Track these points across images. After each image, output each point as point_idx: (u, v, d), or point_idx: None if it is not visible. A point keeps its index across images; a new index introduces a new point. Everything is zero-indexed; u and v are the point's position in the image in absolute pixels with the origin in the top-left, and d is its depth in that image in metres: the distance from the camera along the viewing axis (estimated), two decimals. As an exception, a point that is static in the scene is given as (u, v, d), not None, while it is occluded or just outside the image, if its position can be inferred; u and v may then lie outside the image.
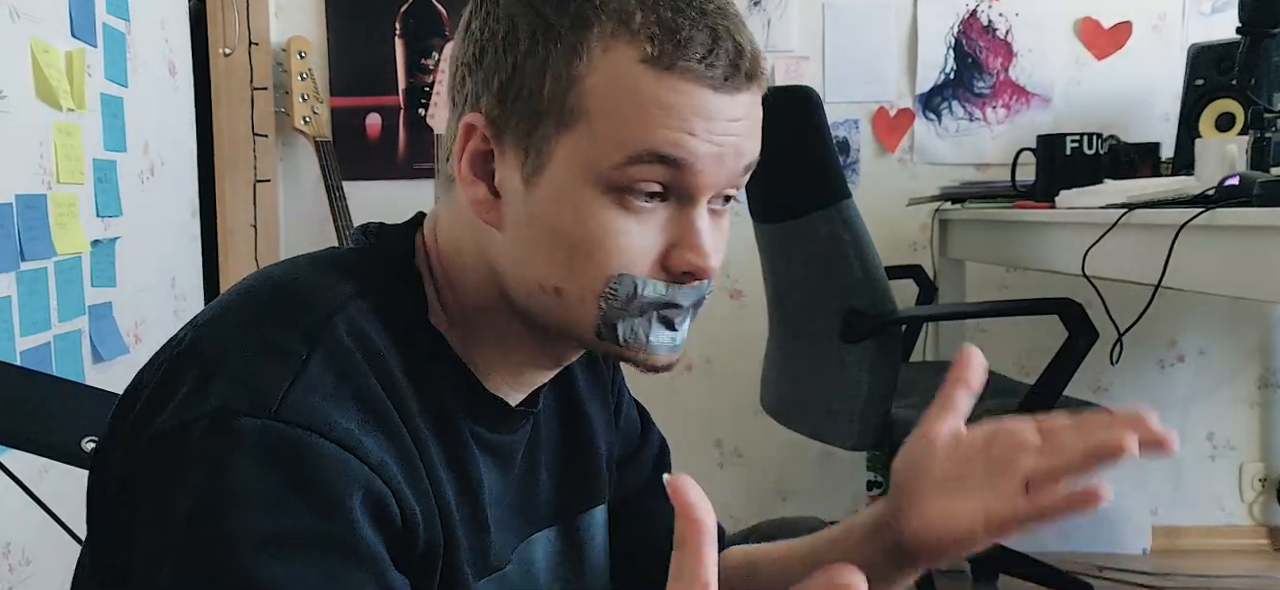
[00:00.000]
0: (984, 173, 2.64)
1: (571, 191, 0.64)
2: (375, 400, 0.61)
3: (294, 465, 0.56)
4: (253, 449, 0.56)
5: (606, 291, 0.65)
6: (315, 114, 2.54)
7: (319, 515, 0.56)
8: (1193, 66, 2.17)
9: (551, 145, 0.64)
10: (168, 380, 0.61)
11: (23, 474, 1.18)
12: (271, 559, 0.54)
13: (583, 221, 0.64)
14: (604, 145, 0.63)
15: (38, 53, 1.57)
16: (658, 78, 0.62)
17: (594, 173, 0.63)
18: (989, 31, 2.66)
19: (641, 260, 0.65)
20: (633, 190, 0.63)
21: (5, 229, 1.47)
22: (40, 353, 1.56)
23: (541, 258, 0.65)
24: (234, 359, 0.60)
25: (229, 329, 0.63)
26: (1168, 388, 2.69)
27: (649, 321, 0.67)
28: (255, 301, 0.65)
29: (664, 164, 0.63)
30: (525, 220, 0.65)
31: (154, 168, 2.08)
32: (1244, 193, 1.31)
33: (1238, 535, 2.72)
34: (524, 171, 0.65)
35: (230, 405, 0.57)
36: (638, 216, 0.64)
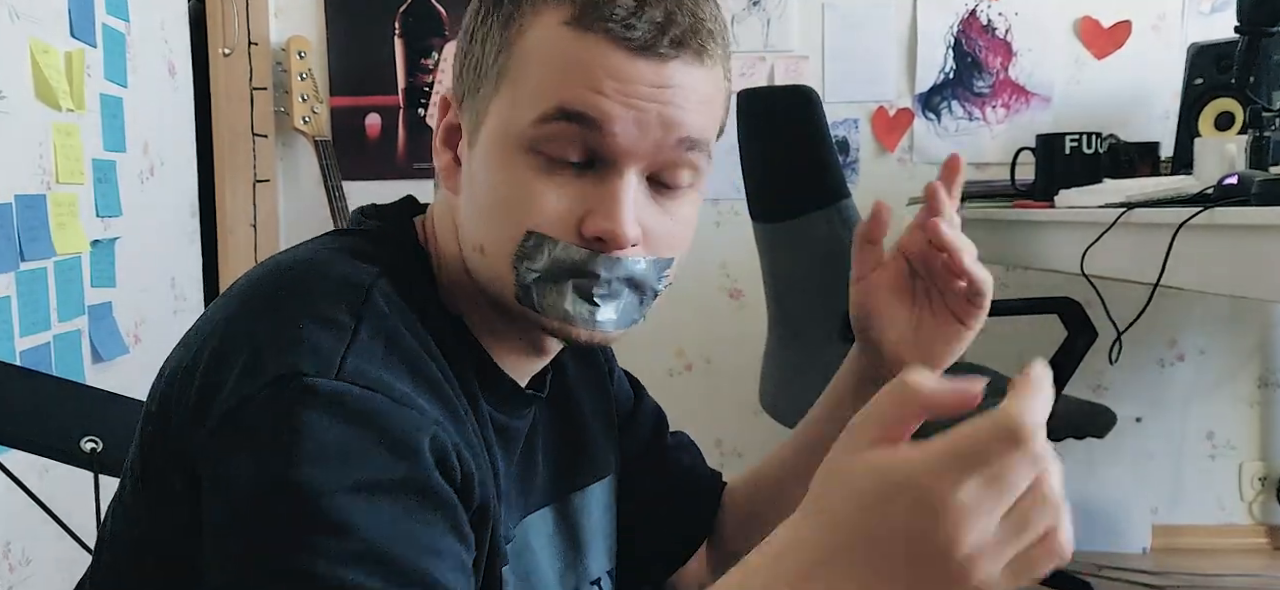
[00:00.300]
0: (983, 172, 2.64)
1: (496, 150, 0.66)
2: (423, 366, 0.62)
3: (365, 418, 0.57)
4: (323, 407, 0.56)
5: (518, 250, 0.65)
6: (315, 114, 2.54)
7: (396, 459, 0.57)
8: (1192, 65, 2.16)
9: (487, 108, 0.66)
10: (215, 367, 0.60)
11: (23, 474, 1.18)
12: (359, 503, 0.55)
13: (502, 180, 0.65)
14: (521, 105, 0.64)
15: (37, 53, 1.57)
16: (576, 37, 0.63)
17: (514, 132, 0.65)
18: (988, 31, 2.66)
19: (557, 224, 0.65)
20: (548, 151, 0.64)
21: (5, 229, 1.47)
22: (40, 353, 1.56)
23: (475, 216, 0.68)
24: (287, 331, 0.59)
25: (267, 308, 0.62)
26: (1168, 387, 2.69)
27: (566, 290, 0.66)
28: (287, 281, 0.65)
29: (573, 122, 0.63)
30: (468, 182, 0.69)
31: (153, 168, 2.08)
32: (1242, 192, 1.31)
33: (1237, 534, 2.71)
34: (470, 137, 0.68)
35: (294, 369, 0.57)
36: (556, 180, 0.65)
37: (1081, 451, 2.61)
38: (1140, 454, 2.70)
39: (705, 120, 0.67)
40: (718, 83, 0.68)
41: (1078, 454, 2.63)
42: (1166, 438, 2.70)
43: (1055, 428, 2.02)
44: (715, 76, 0.68)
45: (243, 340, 0.60)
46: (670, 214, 0.68)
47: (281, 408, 0.56)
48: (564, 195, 0.65)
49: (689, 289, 2.63)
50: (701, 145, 0.67)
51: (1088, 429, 1.90)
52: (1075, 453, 2.62)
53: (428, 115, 2.54)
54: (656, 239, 0.67)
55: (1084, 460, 2.67)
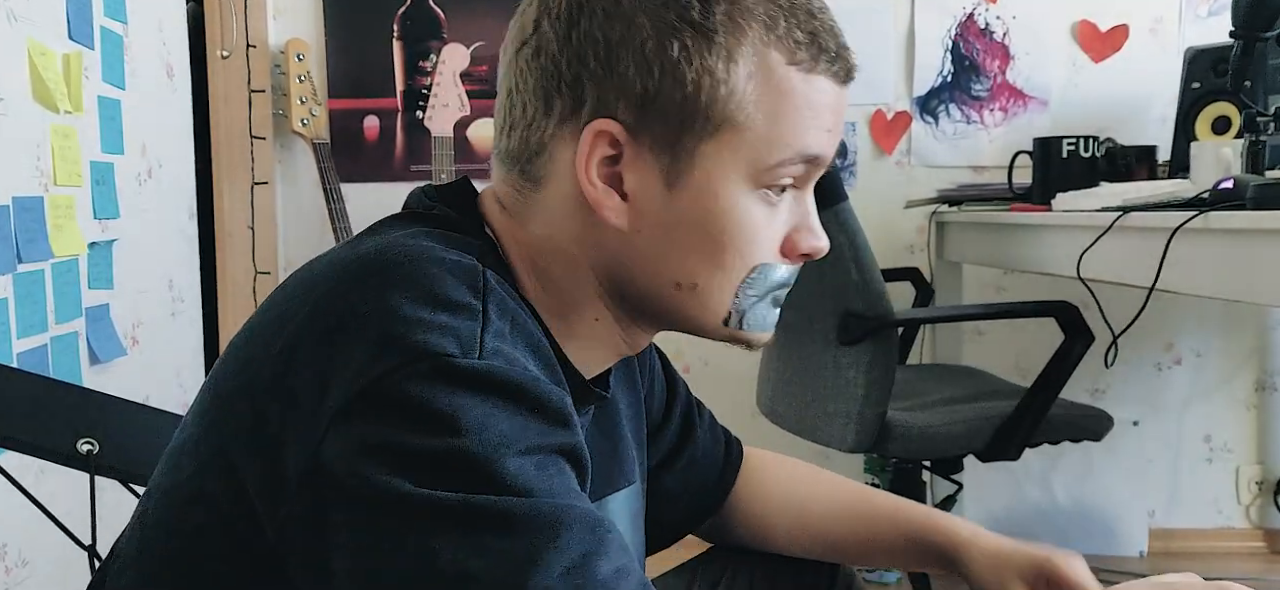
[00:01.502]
0: (981, 175, 2.64)
1: (721, 192, 0.66)
2: (542, 349, 0.62)
3: (518, 393, 0.56)
4: (476, 386, 0.55)
5: (747, 281, 0.68)
6: (313, 116, 2.54)
7: (553, 427, 0.57)
8: (1189, 69, 2.17)
9: (696, 149, 0.65)
10: (328, 349, 0.56)
11: (20, 475, 1.18)
12: (529, 467, 0.54)
13: (731, 219, 0.66)
14: (759, 146, 0.65)
15: (35, 55, 1.57)
16: (805, 79, 0.66)
17: (747, 173, 0.66)
18: (986, 34, 2.66)
19: (771, 248, 0.69)
20: (775, 186, 0.67)
21: (2, 231, 1.47)
22: (37, 355, 1.56)
23: (682, 256, 0.67)
24: (417, 312, 0.56)
25: (382, 289, 0.58)
26: (1165, 390, 2.69)
27: (769, 304, 0.71)
28: (393, 262, 0.60)
29: (808, 163, 0.67)
30: (664, 222, 0.66)
31: (151, 170, 2.08)
32: (1238, 196, 1.31)
33: (1235, 538, 2.72)
34: (666, 176, 0.66)
35: (438, 350, 0.55)
36: (773, 209, 0.68)
37: (1078, 455, 2.61)
38: (1137, 457, 2.70)
39: None
40: None
41: (1075, 457, 2.64)
42: (1163, 441, 2.71)
43: (1052, 431, 2.03)
44: None
45: (360, 321, 0.57)
46: None
47: (434, 387, 0.54)
48: (776, 221, 0.69)
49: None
50: None
51: (1085, 432, 1.90)
52: (1072, 456, 2.62)
53: (426, 118, 2.53)
54: None
55: (1081, 463, 2.68)
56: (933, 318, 2.49)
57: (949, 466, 2.21)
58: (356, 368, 0.55)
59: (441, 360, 0.55)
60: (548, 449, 0.56)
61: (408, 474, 0.53)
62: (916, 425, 1.85)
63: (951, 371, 2.31)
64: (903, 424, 1.84)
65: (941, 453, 1.92)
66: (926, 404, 2.00)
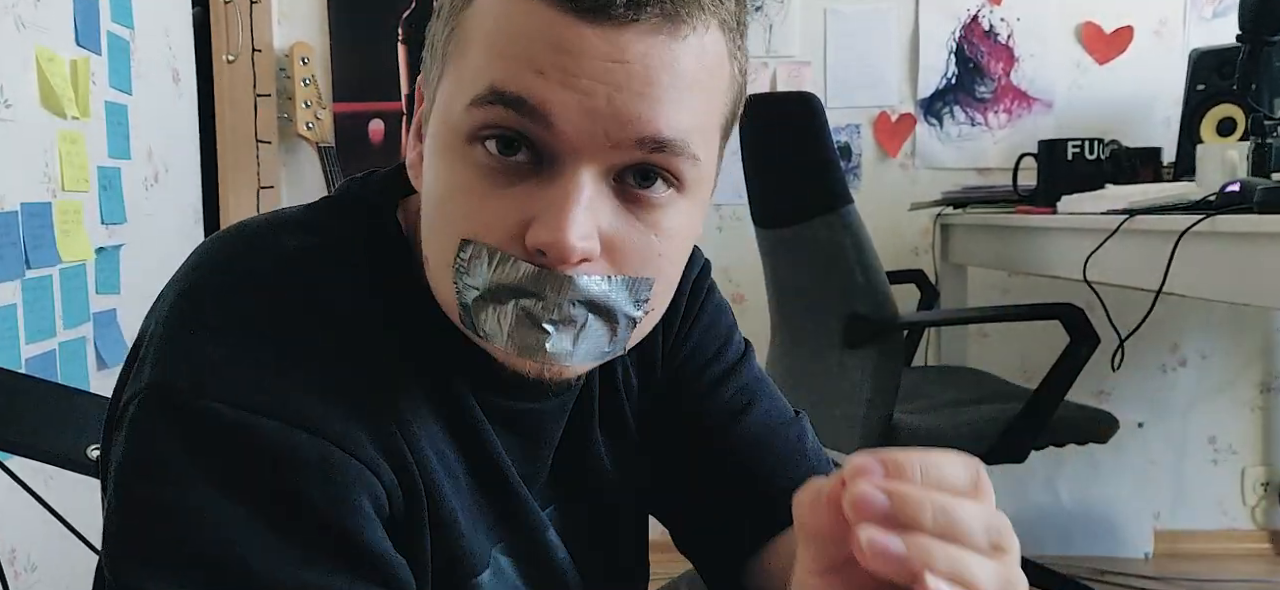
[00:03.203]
0: (986, 177, 2.64)
1: (438, 143, 0.57)
2: (337, 365, 0.56)
3: (234, 452, 0.52)
4: (190, 433, 0.53)
5: (457, 261, 0.55)
6: (318, 120, 2.55)
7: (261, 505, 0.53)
8: (1194, 71, 2.17)
9: (434, 95, 0.59)
10: (138, 346, 0.59)
11: (29, 478, 1.18)
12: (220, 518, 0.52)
13: (444, 178, 0.56)
14: (460, 88, 0.55)
15: (43, 61, 1.57)
16: (512, 3, 0.53)
17: (452, 122, 0.55)
18: (990, 36, 2.66)
19: (499, 231, 0.54)
20: (482, 142, 0.54)
21: (10, 237, 1.47)
22: (45, 360, 1.56)
23: (423, 221, 0.60)
24: (180, 330, 0.56)
25: (175, 296, 0.58)
26: (1170, 391, 2.69)
27: (508, 313, 0.55)
28: (202, 262, 0.60)
29: (510, 107, 0.52)
30: (424, 182, 0.60)
31: (158, 174, 2.08)
32: (1244, 199, 1.31)
33: (1240, 539, 2.71)
34: (427, 129, 0.60)
35: (171, 380, 0.54)
36: (494, 179, 0.54)
37: (1084, 457, 2.61)
38: (1142, 459, 2.70)
39: (685, 111, 0.53)
40: (711, 59, 0.55)
41: (1080, 459, 2.64)
42: (1168, 443, 2.70)
43: (1057, 434, 2.03)
44: (705, 50, 0.54)
45: (151, 328, 0.58)
46: (648, 225, 0.56)
47: (153, 423, 0.54)
48: (508, 199, 0.54)
49: (691, 294, 2.63)
50: (676, 146, 0.54)
51: (1090, 435, 1.91)
52: (1078, 458, 2.62)
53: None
54: (626, 255, 0.56)
55: (1086, 465, 2.68)
56: (938, 321, 2.50)
57: (954, 469, 2.21)
58: (133, 381, 0.57)
59: (171, 393, 0.54)
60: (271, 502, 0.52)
61: (122, 524, 0.54)
62: (922, 428, 1.85)
63: (957, 374, 2.31)
64: (908, 426, 1.85)
65: (947, 455, 1.93)
66: (932, 406, 2.01)
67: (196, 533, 0.52)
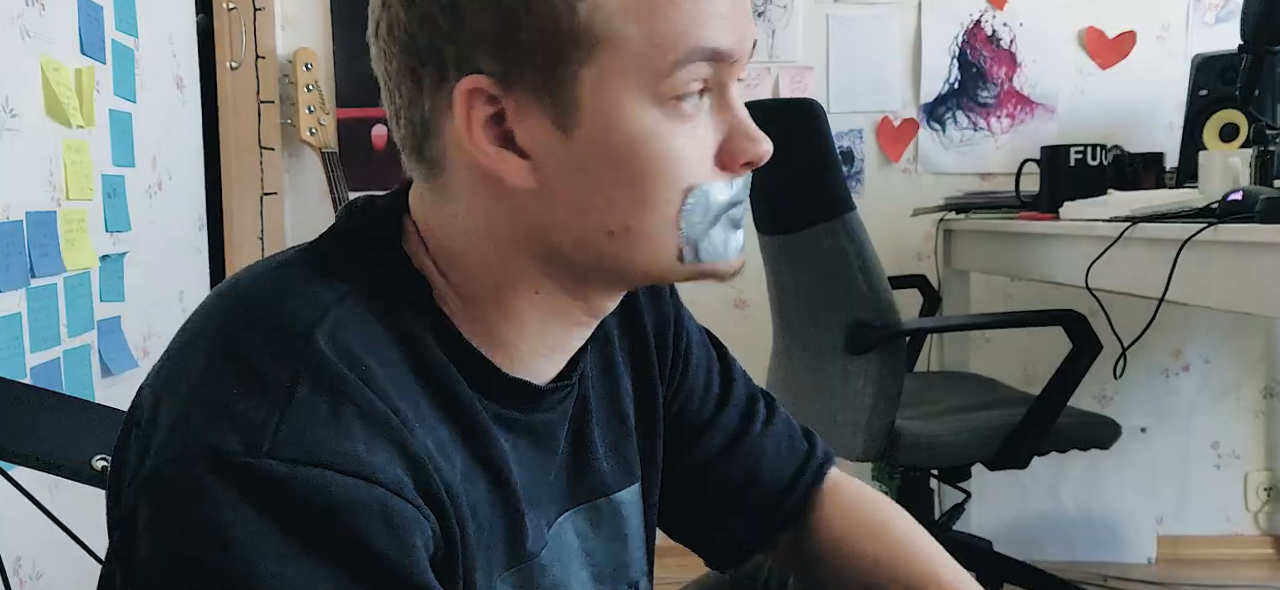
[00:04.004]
0: (988, 182, 2.65)
1: (618, 119, 0.59)
2: (376, 412, 0.56)
3: (297, 509, 0.51)
4: (252, 494, 0.51)
5: (685, 209, 0.60)
6: (321, 125, 2.55)
7: (333, 560, 0.52)
8: (1196, 77, 2.17)
9: (577, 80, 0.58)
10: (152, 415, 0.56)
11: (34, 486, 1.19)
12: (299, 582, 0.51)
13: (641, 146, 0.59)
14: (644, 56, 0.58)
15: (48, 71, 1.58)
16: None
17: (642, 89, 0.58)
18: (993, 41, 2.66)
19: (703, 166, 0.61)
20: (682, 96, 0.59)
21: (15, 246, 1.48)
22: (50, 368, 1.57)
23: (603, 201, 0.60)
24: (217, 392, 0.54)
25: (203, 356, 0.57)
26: (1172, 396, 2.69)
27: (723, 228, 0.63)
28: (221, 323, 0.59)
29: (709, 61, 0.59)
30: (571, 170, 0.60)
31: (162, 182, 2.09)
32: (1247, 208, 1.31)
33: (1243, 545, 2.71)
34: (555, 119, 0.59)
35: (220, 445, 0.52)
36: (689, 121, 0.60)
37: (1086, 462, 2.61)
38: (1145, 464, 2.70)
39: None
40: None
41: (1083, 464, 2.64)
42: (1171, 448, 2.70)
43: (1060, 440, 2.03)
44: None
45: (173, 392, 0.56)
46: None
47: (205, 487, 0.51)
48: (698, 135, 0.61)
49: (694, 298, 2.62)
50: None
51: (1093, 441, 1.91)
52: (1080, 464, 2.62)
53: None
54: None
55: (1089, 470, 2.68)
56: (940, 327, 2.50)
57: (957, 475, 2.21)
58: (157, 444, 0.54)
59: (221, 457, 0.52)
60: (338, 570, 0.52)
61: (173, 581, 0.51)
62: (925, 434, 1.85)
63: (959, 379, 2.32)
64: (911, 432, 1.85)
65: (949, 461, 1.93)
66: (935, 412, 2.01)
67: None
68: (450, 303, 0.65)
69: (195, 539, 0.51)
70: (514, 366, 0.66)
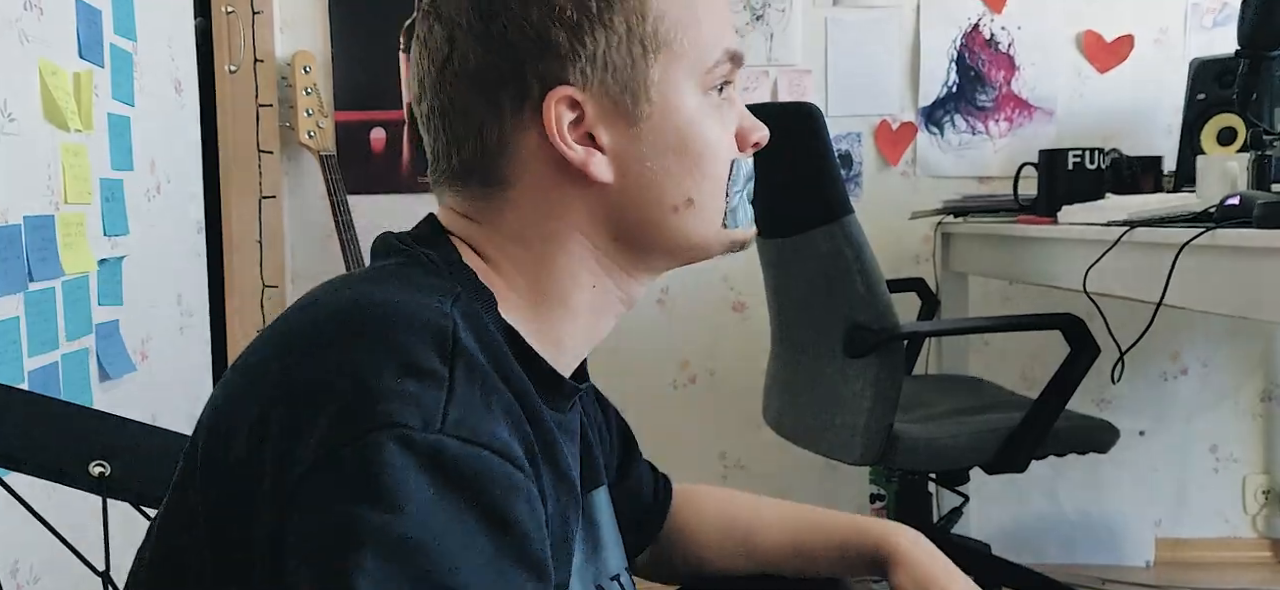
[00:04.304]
0: (986, 186, 2.65)
1: (681, 106, 0.72)
2: (510, 406, 0.62)
3: (468, 482, 0.56)
4: (428, 463, 0.55)
5: (732, 178, 0.74)
6: (320, 128, 2.55)
7: (497, 531, 0.57)
8: (1194, 80, 2.17)
9: (646, 80, 0.70)
10: (294, 421, 0.58)
11: (31, 489, 1.19)
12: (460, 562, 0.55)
13: (698, 126, 0.72)
14: (693, 55, 0.72)
15: (46, 74, 1.58)
16: None
17: (694, 82, 0.72)
18: (991, 45, 2.67)
19: (732, 145, 0.75)
20: (717, 86, 0.74)
21: (14, 250, 1.48)
22: (48, 372, 1.57)
23: (673, 180, 0.72)
24: (381, 379, 0.57)
25: (348, 353, 0.59)
26: (1171, 400, 2.69)
27: (745, 198, 0.77)
28: (366, 325, 0.61)
29: (732, 61, 0.74)
30: (645, 156, 0.71)
31: (160, 185, 2.09)
32: (1244, 213, 1.32)
33: (1241, 548, 2.72)
34: (629, 116, 0.70)
35: (393, 420, 0.55)
36: (722, 109, 0.75)
37: (1084, 465, 2.61)
38: (1144, 467, 2.70)
39: None
40: None
41: (1081, 467, 2.64)
42: (1170, 451, 2.71)
43: (1058, 443, 2.03)
44: None
45: (326, 389, 0.58)
46: None
47: (385, 458, 0.54)
48: (728, 121, 0.75)
49: (693, 302, 2.64)
50: None
51: (1091, 444, 1.91)
52: (1078, 467, 2.62)
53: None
54: None
55: (1087, 473, 2.68)
56: (939, 330, 2.50)
57: (955, 478, 2.21)
58: (319, 437, 0.56)
59: (396, 431, 0.55)
60: (490, 549, 0.56)
61: (358, 552, 0.53)
62: (923, 437, 1.86)
63: (958, 382, 2.32)
64: (909, 436, 1.85)
65: (948, 464, 1.93)
66: (933, 415, 2.01)
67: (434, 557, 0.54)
68: (514, 311, 0.71)
69: (375, 504, 0.54)
70: (562, 367, 0.74)
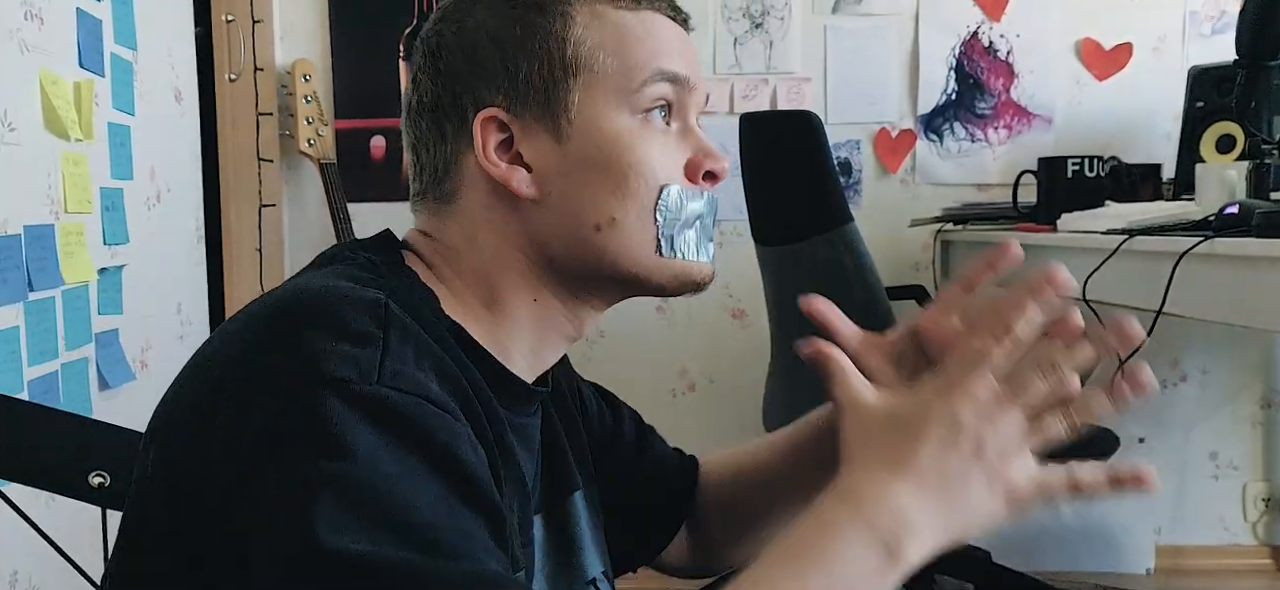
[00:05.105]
0: (986, 193, 2.65)
1: (602, 124, 0.72)
2: (449, 371, 0.64)
3: (409, 425, 0.58)
4: (368, 413, 0.57)
5: (659, 204, 0.72)
6: (319, 136, 2.55)
7: (439, 464, 0.58)
8: (1193, 88, 2.18)
9: (568, 99, 0.72)
10: (245, 395, 0.60)
11: (30, 502, 1.19)
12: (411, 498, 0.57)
13: (623, 148, 0.72)
14: (618, 76, 0.72)
15: (47, 84, 1.58)
16: (635, 16, 0.74)
17: (619, 102, 0.72)
18: (990, 53, 2.67)
19: (675, 173, 0.73)
20: (650, 110, 0.73)
21: (14, 260, 1.48)
22: (48, 382, 1.57)
23: (591, 198, 0.72)
24: (321, 344, 0.60)
25: (292, 331, 0.62)
26: (1171, 408, 2.69)
27: (695, 232, 0.74)
28: (305, 306, 0.64)
29: (669, 83, 0.73)
30: (566, 172, 0.72)
31: (160, 194, 2.09)
32: (1243, 222, 1.32)
33: (1241, 555, 2.71)
34: (554, 134, 0.72)
35: (334, 375, 0.58)
36: (660, 136, 0.73)
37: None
38: (1144, 474, 2.70)
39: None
40: None
41: (1081, 474, 2.63)
42: (1170, 458, 2.70)
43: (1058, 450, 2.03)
44: None
45: (271, 364, 0.60)
46: None
47: (328, 411, 0.57)
48: (668, 149, 0.74)
49: (692, 309, 2.64)
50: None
51: (1090, 452, 1.90)
52: (1079, 473, 2.62)
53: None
54: None
55: (1087, 481, 2.67)
56: (938, 336, 2.49)
57: (955, 486, 2.20)
58: (265, 405, 0.59)
59: (337, 385, 0.58)
60: (436, 488, 0.58)
61: (314, 502, 0.55)
62: (923, 447, 1.85)
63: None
64: (909, 445, 1.85)
65: (948, 473, 1.93)
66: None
67: (386, 497, 0.56)
68: (458, 312, 0.72)
69: (325, 454, 0.56)
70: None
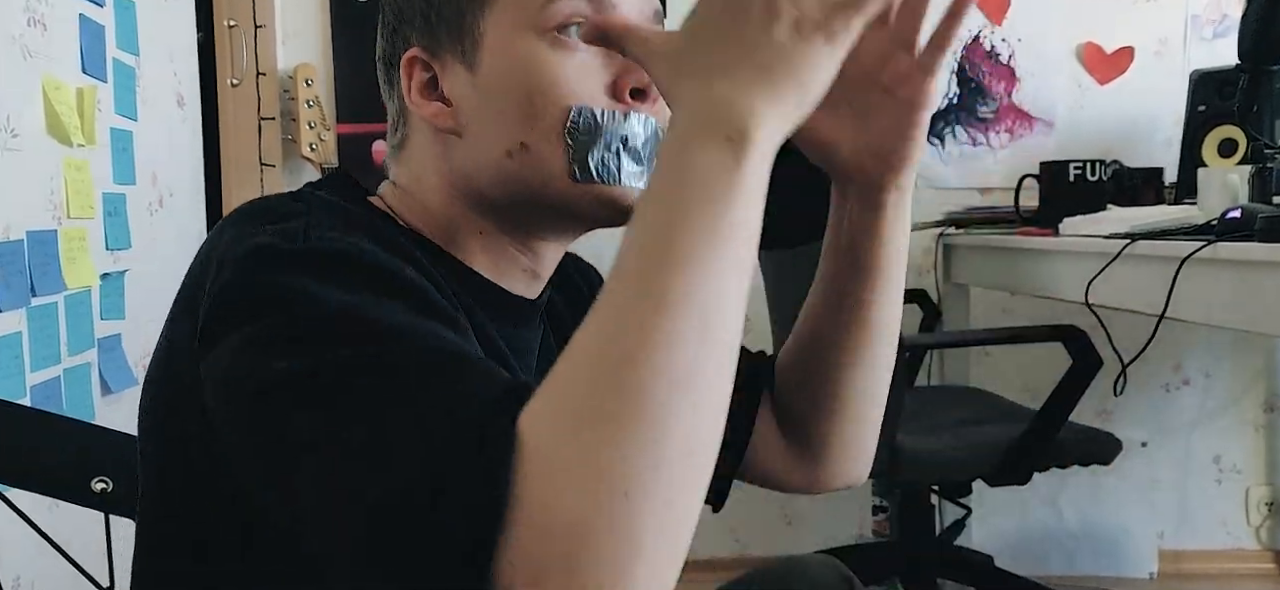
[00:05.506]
0: (988, 197, 2.65)
1: (510, 49, 0.70)
2: (396, 247, 0.63)
3: (345, 263, 0.59)
4: (303, 265, 0.58)
5: (569, 126, 0.69)
6: (322, 141, 2.56)
7: (394, 293, 0.58)
8: (1195, 92, 2.18)
9: (480, 26, 0.71)
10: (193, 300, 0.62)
11: (33, 507, 1.19)
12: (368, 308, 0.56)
13: (530, 70, 0.69)
14: (522, 5, 0.69)
15: (49, 90, 1.58)
16: None
17: (528, 25, 0.69)
18: (992, 57, 2.67)
19: (593, 93, 0.69)
20: (563, 28, 0.69)
21: (16, 265, 1.48)
22: (50, 387, 1.57)
23: (503, 123, 0.70)
24: (249, 229, 0.62)
25: (229, 231, 0.64)
26: (1173, 411, 2.69)
27: (617, 155, 0.70)
28: (240, 211, 0.68)
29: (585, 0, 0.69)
30: (480, 102, 0.71)
31: (162, 199, 2.09)
32: (1246, 226, 1.32)
33: (1244, 559, 2.71)
34: (466, 62, 0.71)
35: (265, 244, 0.60)
36: (575, 55, 0.69)
37: (1087, 476, 2.61)
38: (1146, 479, 2.70)
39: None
40: None
41: (1084, 479, 2.63)
42: (1172, 462, 2.70)
43: (1060, 455, 2.03)
44: None
45: (215, 257, 0.62)
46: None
47: (262, 274, 0.58)
48: (587, 67, 0.69)
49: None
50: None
51: (1093, 456, 1.91)
52: (1081, 477, 2.62)
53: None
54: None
55: (1090, 485, 2.67)
56: (940, 343, 2.50)
57: (958, 490, 2.21)
58: (210, 298, 0.60)
59: (266, 250, 0.59)
60: (394, 294, 0.58)
61: (268, 357, 0.55)
62: (925, 449, 1.86)
63: (959, 394, 2.31)
64: (912, 448, 1.85)
65: (950, 477, 1.93)
66: (935, 427, 2.01)
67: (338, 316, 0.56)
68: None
69: (267, 311, 0.57)
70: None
